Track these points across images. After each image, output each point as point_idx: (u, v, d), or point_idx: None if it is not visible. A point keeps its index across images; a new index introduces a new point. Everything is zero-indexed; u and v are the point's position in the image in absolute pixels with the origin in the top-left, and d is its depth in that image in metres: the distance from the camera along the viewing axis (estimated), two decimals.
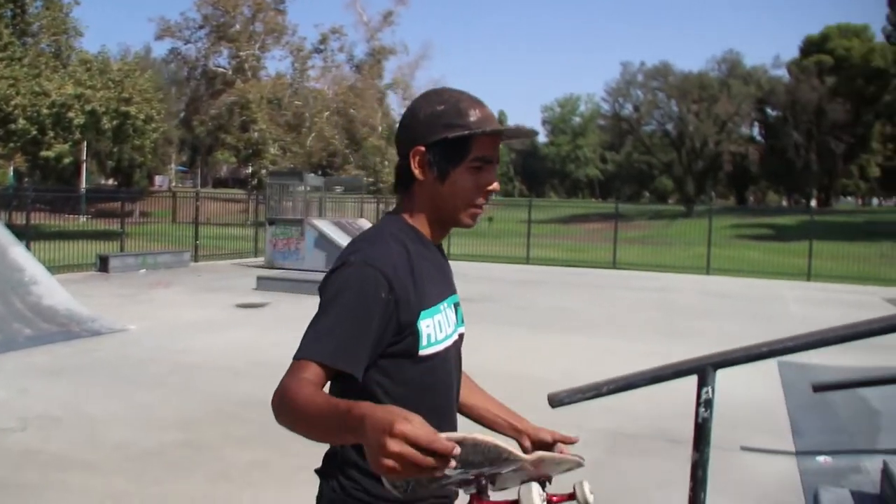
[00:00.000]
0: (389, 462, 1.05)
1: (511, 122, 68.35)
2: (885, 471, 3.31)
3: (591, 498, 1.53)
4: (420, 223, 1.61)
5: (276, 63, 67.29)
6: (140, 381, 6.84)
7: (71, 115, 26.08)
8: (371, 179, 38.07)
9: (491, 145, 1.56)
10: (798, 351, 2.64)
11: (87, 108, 26.15)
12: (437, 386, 1.57)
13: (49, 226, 21.86)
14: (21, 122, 25.31)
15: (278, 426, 1.32)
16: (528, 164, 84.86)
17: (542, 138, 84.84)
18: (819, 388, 5.37)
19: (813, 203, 51.18)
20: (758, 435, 5.78)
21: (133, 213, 27.52)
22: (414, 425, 1.06)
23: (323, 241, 15.96)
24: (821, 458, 5.29)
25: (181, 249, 19.19)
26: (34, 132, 26.31)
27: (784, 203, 59.59)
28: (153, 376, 7.05)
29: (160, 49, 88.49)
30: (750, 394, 6.95)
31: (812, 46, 49.00)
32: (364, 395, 1.41)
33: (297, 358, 1.38)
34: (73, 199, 29.04)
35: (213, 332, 9.37)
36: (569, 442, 1.74)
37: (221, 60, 42.55)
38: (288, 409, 1.31)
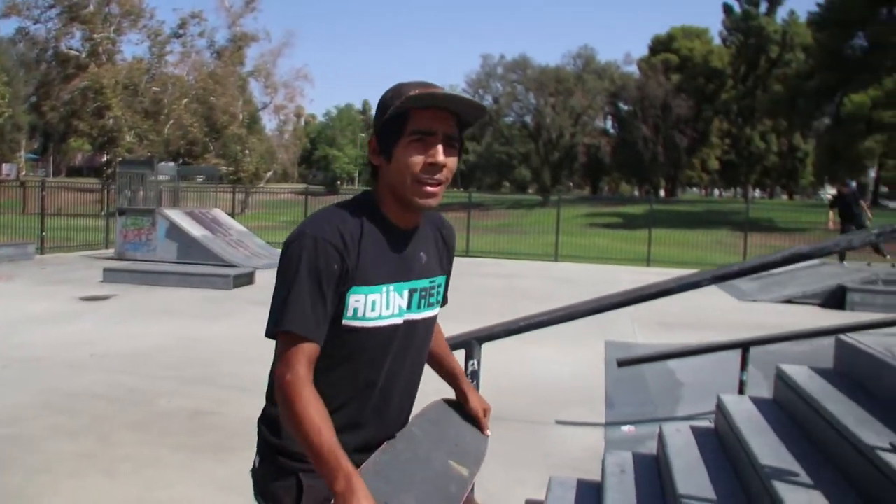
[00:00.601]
0: None
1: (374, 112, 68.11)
2: (660, 434, 3.78)
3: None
4: (386, 207, 1.69)
5: (132, 47, 64.71)
6: None
7: None
8: (231, 168, 37.24)
9: (429, 117, 1.60)
10: (551, 324, 2.99)
11: None
12: (360, 359, 1.68)
13: None
14: None
15: (107, 417, 1.52)
16: None
17: None
18: (622, 363, 5.93)
19: (661, 193, 54.05)
20: (574, 409, 6.22)
21: None
22: None
23: (175, 231, 15.60)
24: (625, 428, 5.81)
25: (25, 241, 18.32)
26: None
27: (636, 193, 62.48)
28: None
29: (6, 28, 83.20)
30: (574, 372, 7.47)
31: (660, 45, 51.79)
32: None
33: (273, 331, 1.57)
34: None
35: (52, 326, 9.12)
36: (482, 429, 2.10)
37: (74, 43, 40.48)
38: (287, 410, 1.53)
